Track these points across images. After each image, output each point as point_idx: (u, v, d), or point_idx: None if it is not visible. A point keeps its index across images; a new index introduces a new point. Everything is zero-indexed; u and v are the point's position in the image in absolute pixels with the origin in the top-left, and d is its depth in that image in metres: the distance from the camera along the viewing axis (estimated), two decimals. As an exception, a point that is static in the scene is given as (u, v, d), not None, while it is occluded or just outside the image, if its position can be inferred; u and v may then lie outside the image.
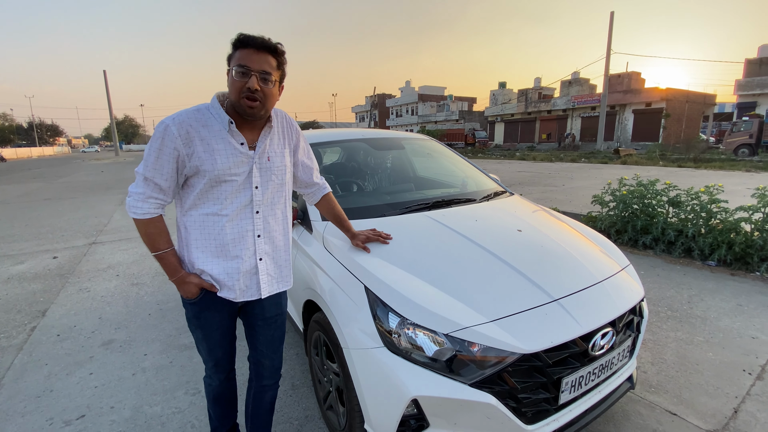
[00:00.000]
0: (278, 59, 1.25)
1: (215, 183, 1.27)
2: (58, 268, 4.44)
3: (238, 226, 1.32)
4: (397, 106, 63.51)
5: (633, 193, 4.72)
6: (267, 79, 1.22)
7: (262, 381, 1.58)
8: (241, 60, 1.19)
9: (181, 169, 1.26)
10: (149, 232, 1.29)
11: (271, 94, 1.25)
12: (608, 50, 25.69)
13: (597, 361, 1.50)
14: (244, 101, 1.21)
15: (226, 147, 1.26)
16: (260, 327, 1.51)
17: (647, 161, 16.85)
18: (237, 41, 1.21)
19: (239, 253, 1.33)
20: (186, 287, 1.33)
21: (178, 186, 1.31)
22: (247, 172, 1.30)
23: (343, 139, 2.97)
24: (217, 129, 1.26)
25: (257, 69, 1.20)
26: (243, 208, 1.32)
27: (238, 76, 1.20)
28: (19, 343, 2.80)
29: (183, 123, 1.23)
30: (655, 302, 3.21)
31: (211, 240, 1.31)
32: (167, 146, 1.22)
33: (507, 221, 2.11)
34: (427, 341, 1.35)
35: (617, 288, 1.69)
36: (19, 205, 8.97)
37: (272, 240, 1.40)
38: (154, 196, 1.27)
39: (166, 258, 1.31)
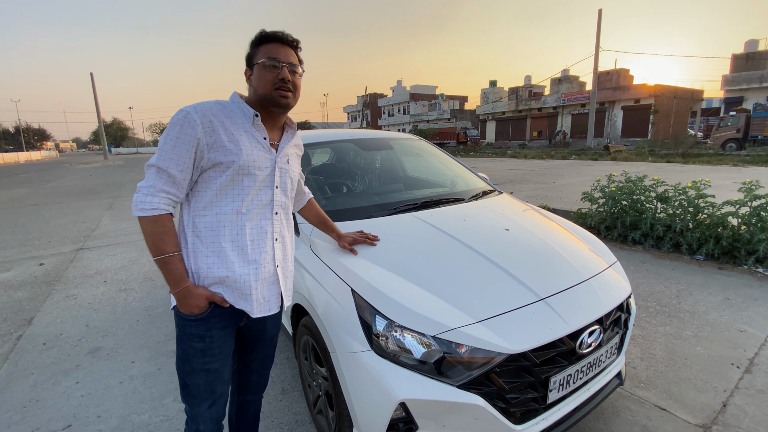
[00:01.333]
0: (298, 56, 1.28)
1: (238, 176, 1.19)
2: (45, 275, 4.37)
3: (258, 226, 1.25)
4: (389, 105, 63.54)
5: (622, 190, 4.76)
6: (295, 72, 1.24)
7: (246, 396, 1.54)
8: (270, 53, 1.20)
9: (198, 160, 1.17)
10: (155, 231, 1.14)
11: (298, 85, 1.28)
12: (597, 48, 25.93)
13: (585, 359, 1.50)
14: (278, 92, 1.21)
15: (250, 140, 1.23)
16: (257, 349, 1.46)
17: (637, 157, 17.04)
18: (262, 37, 1.23)
19: (257, 257, 1.24)
20: (193, 300, 1.17)
21: (191, 182, 1.20)
22: (270, 168, 1.27)
23: (332, 140, 2.95)
24: (241, 122, 1.23)
25: (286, 61, 1.22)
26: (263, 208, 1.27)
27: (269, 68, 1.20)
28: (5, 353, 2.74)
29: (206, 111, 1.17)
30: (645, 297, 3.24)
31: (227, 242, 1.20)
32: (186, 134, 1.14)
33: (495, 220, 2.11)
34: (415, 343, 1.34)
35: (604, 285, 1.69)
36: (5, 212, 8.81)
37: (286, 247, 1.36)
38: (166, 189, 1.15)
39: (172, 263, 1.15)
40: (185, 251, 1.21)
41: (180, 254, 1.18)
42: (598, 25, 25.67)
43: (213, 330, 1.23)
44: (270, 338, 1.48)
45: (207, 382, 1.26)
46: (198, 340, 1.22)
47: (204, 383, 1.26)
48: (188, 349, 1.24)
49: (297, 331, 1.94)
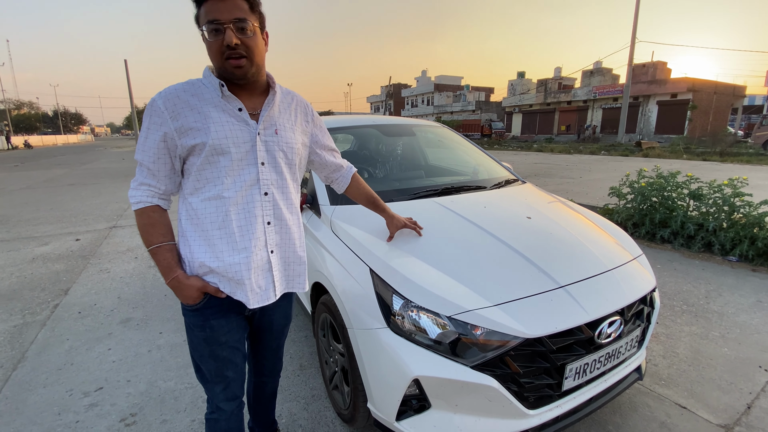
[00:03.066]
0: (249, 1, 1.06)
1: (212, 156, 1.08)
2: (81, 249, 4.61)
3: (245, 210, 1.13)
4: (413, 96, 62.91)
5: (652, 185, 4.58)
6: (244, 28, 1.04)
7: (262, 377, 1.53)
8: (209, 15, 1.02)
9: (172, 150, 1.11)
10: (142, 223, 1.12)
11: (254, 44, 1.07)
12: (633, 38, 24.79)
13: (603, 349, 1.48)
14: (229, 63, 1.05)
15: (220, 114, 1.09)
16: (268, 337, 1.40)
17: (670, 154, 16.32)
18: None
19: (247, 244, 1.13)
20: (185, 291, 1.11)
21: (174, 172, 1.14)
22: (249, 143, 1.12)
23: (354, 125, 2.97)
24: (209, 96, 1.10)
25: (229, 19, 1.02)
26: (248, 188, 1.13)
27: (211, 35, 1.03)
28: (43, 319, 2.93)
29: (170, 95, 1.08)
30: (671, 296, 3.14)
31: (215, 230, 1.11)
32: (154, 123, 1.08)
33: (516, 208, 2.09)
34: (431, 323, 1.35)
35: (627, 277, 1.66)
36: (45, 190, 9.30)
37: (285, 230, 1.21)
38: (146, 182, 1.12)
39: (159, 254, 1.11)
40: (181, 240, 1.17)
41: (169, 244, 1.14)
42: (635, 15, 24.51)
43: (212, 320, 1.18)
44: (279, 330, 1.41)
45: (217, 368, 1.22)
46: (199, 330, 1.19)
47: (214, 369, 1.22)
48: (193, 338, 1.22)
49: (316, 309, 1.99)
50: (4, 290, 3.46)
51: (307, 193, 2.23)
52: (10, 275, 3.82)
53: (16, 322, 2.90)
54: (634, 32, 24.72)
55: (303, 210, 2.23)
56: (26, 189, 9.60)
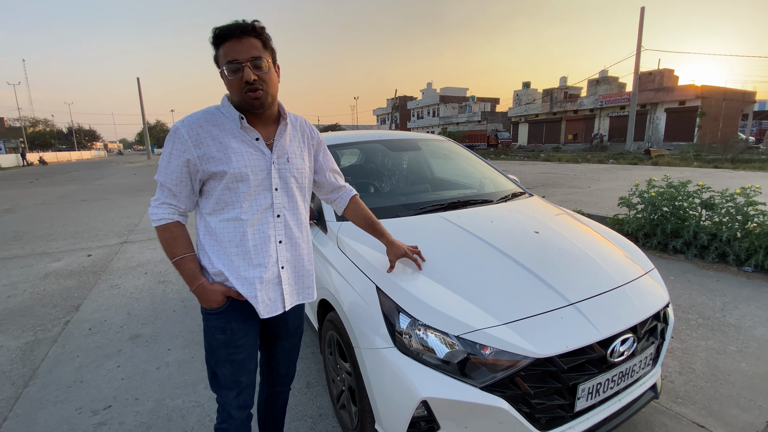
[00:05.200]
0: (262, 39, 1.17)
1: (233, 183, 1.19)
2: (92, 265, 4.67)
3: (260, 231, 1.24)
4: (419, 108, 63.39)
5: (662, 195, 4.52)
6: (260, 65, 1.15)
7: (275, 387, 1.55)
8: (228, 56, 1.13)
9: (193, 174, 1.21)
10: (165, 238, 1.23)
11: (269, 78, 1.19)
12: (638, 47, 24.79)
13: (616, 368, 1.44)
14: (247, 95, 1.16)
15: (240, 144, 1.20)
16: (282, 339, 1.46)
17: (680, 162, 16.14)
18: (216, 37, 1.15)
19: (262, 260, 1.24)
20: (209, 295, 1.22)
21: (194, 193, 1.25)
22: (266, 171, 1.23)
23: (360, 141, 2.99)
24: (229, 127, 1.21)
25: (246, 57, 1.13)
26: (263, 212, 1.24)
27: (231, 74, 1.14)
28: (54, 336, 2.96)
29: (193, 124, 1.18)
30: (685, 309, 3.07)
31: (232, 248, 1.22)
32: (177, 149, 1.18)
33: (524, 222, 2.07)
34: (438, 343, 1.34)
35: (639, 293, 1.62)
36: (58, 206, 9.49)
37: (295, 247, 1.32)
38: (168, 201, 1.23)
39: (184, 264, 1.22)
40: (201, 252, 1.27)
41: (191, 255, 1.24)
42: (640, 24, 24.56)
43: (233, 323, 1.26)
44: (293, 329, 1.47)
45: (232, 372, 1.29)
46: (220, 332, 1.27)
47: (230, 373, 1.29)
48: (213, 342, 1.29)
49: (323, 326, 1.98)
50: (17, 307, 3.51)
51: (314, 209, 2.24)
52: (23, 291, 3.88)
53: (28, 338, 2.93)
54: (639, 40, 24.74)
55: (310, 226, 2.23)
56: (40, 205, 9.80)
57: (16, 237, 6.28)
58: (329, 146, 2.62)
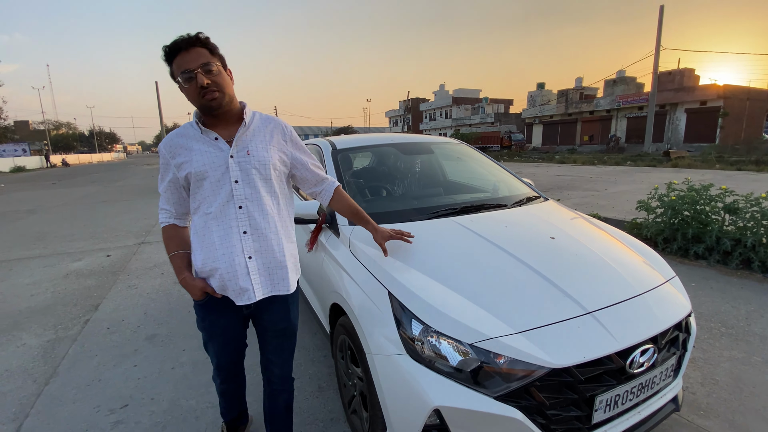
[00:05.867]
0: (209, 47, 1.29)
1: (198, 181, 1.34)
2: (111, 265, 4.78)
3: (223, 222, 1.34)
4: (431, 109, 63.19)
5: (683, 199, 4.40)
6: (210, 70, 1.27)
7: (272, 386, 1.63)
8: (180, 67, 1.26)
9: (176, 182, 1.40)
10: (164, 238, 1.47)
11: (222, 80, 1.30)
12: (657, 46, 24.23)
13: (636, 379, 1.40)
14: (205, 99, 1.27)
15: (201, 146, 1.34)
16: (270, 337, 1.54)
17: (702, 164, 15.68)
18: (167, 54, 1.27)
19: (225, 251, 1.34)
20: (190, 289, 1.39)
21: (182, 199, 1.44)
22: (224, 165, 1.33)
23: (373, 144, 2.99)
24: (193, 134, 1.36)
25: (196, 65, 1.25)
26: (224, 204, 1.34)
27: (186, 82, 1.26)
28: (74, 335, 3.03)
29: (168, 140, 1.39)
30: (708, 318, 2.97)
31: (204, 240, 1.37)
32: (163, 164, 1.41)
33: (539, 228, 2.03)
34: (451, 350, 1.32)
35: (660, 301, 1.58)
36: (79, 207, 9.76)
37: (262, 238, 1.38)
38: (165, 208, 1.46)
39: (173, 260, 1.44)
40: (191, 249, 1.46)
41: (180, 253, 1.44)
42: (659, 22, 24.01)
43: (211, 315, 1.45)
44: (281, 330, 1.53)
45: (213, 351, 1.55)
46: (201, 320, 1.48)
47: (211, 352, 1.56)
48: (198, 326, 1.52)
49: (334, 330, 1.98)
50: (39, 306, 3.61)
51: (326, 212, 2.24)
52: (46, 290, 3.99)
53: (50, 337, 3.01)
54: (658, 39, 24.18)
55: (322, 230, 2.24)
56: (63, 206, 10.09)
57: (39, 237, 6.48)
58: (343, 150, 2.65)
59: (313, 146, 2.89)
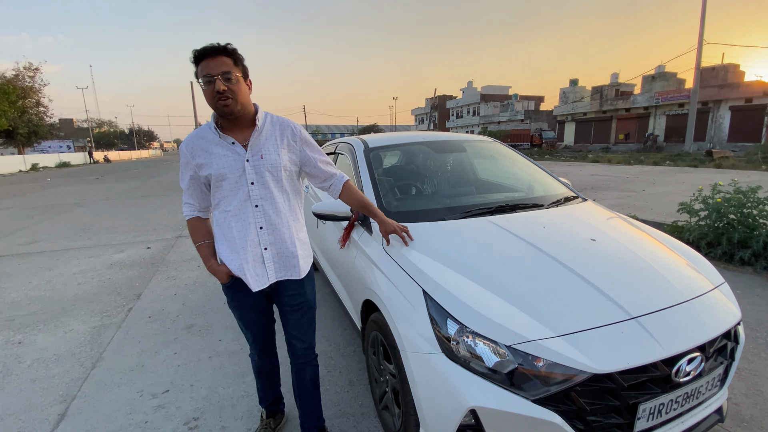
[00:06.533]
0: (233, 57, 1.40)
1: (218, 182, 1.47)
2: (151, 257, 5.02)
3: (242, 220, 1.49)
4: (458, 107, 62.36)
5: (729, 201, 4.16)
6: (229, 78, 1.37)
7: (298, 360, 1.76)
8: (203, 71, 1.37)
9: (197, 179, 1.52)
10: (189, 229, 1.63)
11: (238, 89, 1.41)
12: (700, 40, 22.94)
13: (681, 388, 1.35)
14: (219, 103, 1.38)
15: (220, 149, 1.46)
16: (288, 312, 1.67)
17: (747, 165, 14.75)
18: (195, 57, 1.38)
19: (244, 244, 1.50)
20: (216, 274, 1.55)
21: (203, 193, 1.57)
22: (241, 169, 1.46)
23: (405, 143, 2.99)
24: (212, 137, 1.48)
25: (217, 72, 1.36)
26: (243, 203, 1.48)
27: (206, 85, 1.37)
28: (118, 322, 3.21)
29: (188, 141, 1.51)
30: (753, 326, 2.81)
31: (225, 234, 1.52)
32: (182, 162, 1.53)
33: (579, 229, 1.98)
34: (488, 351, 1.31)
35: (709, 308, 1.51)
36: (121, 201, 10.28)
37: (276, 231, 1.53)
38: (188, 202, 1.59)
39: (200, 250, 1.59)
40: (214, 239, 1.61)
41: (205, 243, 1.59)
42: (702, 15, 22.71)
43: (237, 294, 1.61)
44: (298, 304, 1.66)
45: (245, 327, 1.72)
46: (230, 300, 1.66)
47: (244, 327, 1.73)
48: (229, 306, 1.69)
49: (366, 326, 2.00)
50: (86, 294, 3.84)
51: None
52: (91, 279, 4.24)
53: (96, 323, 3.20)
54: (701, 33, 22.89)
55: (354, 227, 2.26)
56: (106, 200, 10.66)
57: (84, 229, 6.87)
58: (375, 148, 2.67)
59: (346, 144, 2.92)
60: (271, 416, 1.93)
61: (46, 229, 7.01)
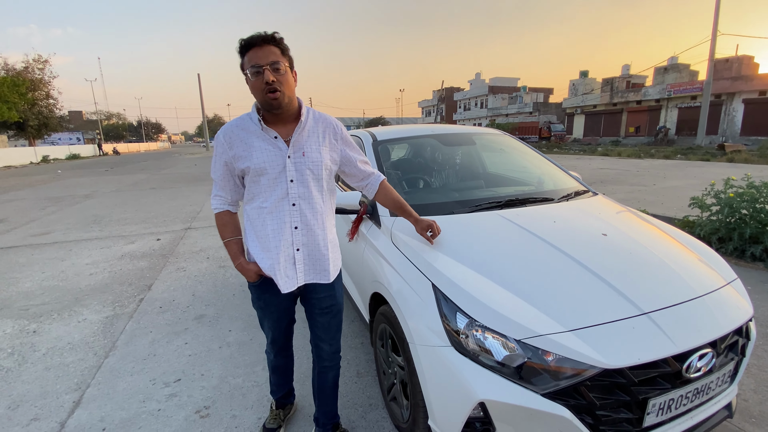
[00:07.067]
0: (280, 47, 1.34)
1: (256, 177, 1.40)
2: (161, 248, 5.08)
3: (277, 218, 1.43)
4: (466, 99, 61.77)
5: (742, 196, 4.10)
6: (278, 69, 1.32)
7: (323, 363, 1.72)
8: (251, 61, 1.31)
9: (231, 170, 1.46)
10: (218, 224, 1.55)
11: (286, 80, 1.35)
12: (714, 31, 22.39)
13: (691, 384, 1.34)
14: (267, 96, 1.32)
15: (261, 143, 1.40)
16: (317, 315, 1.63)
17: (760, 159, 14.47)
18: (241, 47, 1.33)
19: (278, 243, 1.44)
20: (245, 272, 1.50)
21: (237, 186, 1.50)
22: (281, 165, 1.40)
23: (414, 136, 2.98)
24: (254, 129, 1.41)
25: (266, 63, 1.30)
26: (280, 201, 1.42)
27: (253, 76, 1.31)
28: (130, 312, 3.26)
29: (227, 130, 1.44)
30: (763, 322, 2.78)
31: (258, 231, 1.46)
32: (218, 152, 1.46)
33: (590, 223, 1.97)
34: (497, 345, 1.31)
35: (721, 304, 1.49)
36: (131, 193, 10.38)
37: (310, 233, 1.48)
38: (219, 194, 1.52)
39: (229, 246, 1.53)
40: (244, 235, 1.55)
41: (235, 239, 1.53)
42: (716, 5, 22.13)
43: (265, 294, 1.56)
44: (327, 307, 1.62)
45: (268, 327, 1.67)
46: (256, 299, 1.61)
47: (266, 327, 1.69)
48: (254, 304, 1.65)
49: (374, 318, 2.02)
50: (98, 284, 3.91)
51: (367, 203, 2.27)
52: (103, 270, 4.31)
53: (108, 313, 3.25)
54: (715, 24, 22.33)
55: (363, 220, 2.27)
56: (116, 192, 10.78)
57: (95, 220, 6.97)
58: (384, 141, 2.66)
59: (354, 137, 2.92)
60: (280, 407, 1.95)
61: (58, 220, 7.11)
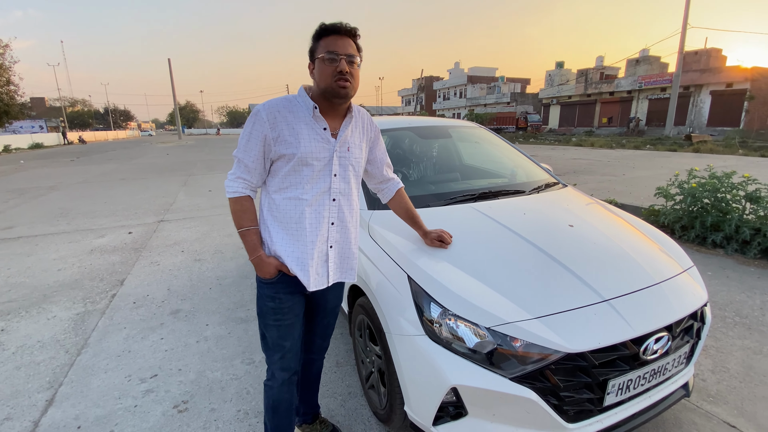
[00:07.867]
0: (357, 44, 1.32)
1: (298, 166, 1.32)
2: (133, 242, 4.94)
3: (317, 212, 1.37)
4: (445, 89, 61.92)
5: (704, 186, 4.32)
6: (353, 62, 1.29)
7: (311, 354, 1.71)
8: (329, 46, 1.27)
9: (267, 153, 1.34)
10: (236, 209, 1.38)
11: (357, 75, 1.33)
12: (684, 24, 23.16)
13: (648, 365, 1.44)
14: (337, 83, 1.27)
15: (309, 132, 1.32)
16: (320, 315, 1.61)
17: (725, 149, 15.21)
18: (322, 30, 1.29)
19: (314, 238, 1.37)
20: (265, 267, 1.36)
21: (265, 171, 1.38)
22: (328, 158, 1.35)
23: (390, 128, 2.99)
24: (302, 114, 1.33)
25: (344, 53, 1.27)
26: (321, 195, 1.37)
27: (328, 61, 1.26)
28: (102, 308, 3.18)
29: (272, 108, 1.32)
30: (722, 306, 2.97)
31: (292, 224, 1.35)
32: (256, 130, 1.32)
33: (558, 215, 2.04)
34: (469, 333, 1.37)
35: (677, 291, 1.59)
36: (99, 184, 9.99)
37: (345, 230, 1.44)
38: (243, 177, 1.36)
39: (248, 235, 1.37)
40: (262, 226, 1.42)
41: (255, 228, 1.39)
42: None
43: (281, 293, 1.41)
44: (332, 308, 1.63)
45: (278, 336, 1.45)
46: (270, 300, 1.42)
47: (276, 337, 1.45)
48: (263, 307, 1.45)
49: (353, 309, 2.05)
50: (67, 280, 3.78)
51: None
52: (72, 265, 4.16)
53: (79, 310, 3.16)
54: (685, 17, 23.10)
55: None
56: (83, 183, 10.34)
57: (62, 213, 6.69)
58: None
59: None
60: None
61: (22, 213, 6.79)
